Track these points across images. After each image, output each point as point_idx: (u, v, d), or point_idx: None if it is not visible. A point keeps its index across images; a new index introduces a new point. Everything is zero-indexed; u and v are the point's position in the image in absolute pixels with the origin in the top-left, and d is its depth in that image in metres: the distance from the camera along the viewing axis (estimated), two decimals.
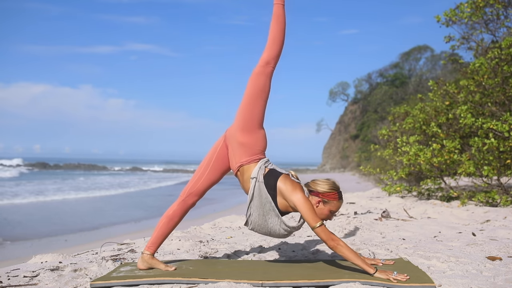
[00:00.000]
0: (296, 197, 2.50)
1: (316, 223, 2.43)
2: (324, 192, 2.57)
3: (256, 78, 2.71)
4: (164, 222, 2.71)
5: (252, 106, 2.67)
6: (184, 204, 2.73)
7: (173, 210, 2.72)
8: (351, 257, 2.41)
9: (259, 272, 2.53)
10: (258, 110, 2.68)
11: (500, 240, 3.71)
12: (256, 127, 2.68)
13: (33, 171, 40.85)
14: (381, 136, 9.38)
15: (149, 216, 10.31)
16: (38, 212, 11.89)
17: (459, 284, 2.33)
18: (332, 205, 2.58)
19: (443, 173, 7.25)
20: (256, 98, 2.68)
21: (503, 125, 5.85)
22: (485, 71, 6.66)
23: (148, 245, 2.68)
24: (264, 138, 2.72)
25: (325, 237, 2.43)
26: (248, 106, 2.67)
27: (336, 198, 2.58)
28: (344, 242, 2.45)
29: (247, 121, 2.66)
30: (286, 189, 2.54)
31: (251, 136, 2.66)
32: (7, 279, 2.52)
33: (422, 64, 46.81)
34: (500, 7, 7.96)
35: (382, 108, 41.59)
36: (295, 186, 2.55)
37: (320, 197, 2.57)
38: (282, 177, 2.59)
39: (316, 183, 2.61)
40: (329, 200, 2.57)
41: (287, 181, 2.57)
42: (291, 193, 2.52)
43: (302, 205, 2.48)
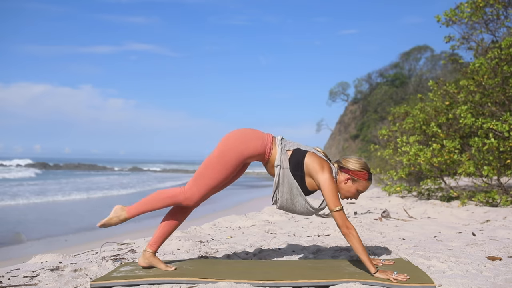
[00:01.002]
0: (323, 177, 2.50)
1: (336, 207, 2.44)
2: (355, 170, 2.58)
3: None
4: (167, 221, 2.70)
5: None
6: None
7: (174, 210, 2.71)
8: (359, 249, 2.41)
9: (259, 272, 2.53)
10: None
11: (500, 240, 3.71)
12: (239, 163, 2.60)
13: (47, 171, 41.08)
14: (381, 136, 9.38)
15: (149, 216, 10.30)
16: (57, 210, 11.96)
17: (459, 284, 2.33)
18: (361, 184, 2.59)
19: (443, 173, 7.26)
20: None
21: (503, 125, 5.85)
22: (485, 71, 6.66)
23: (150, 243, 2.67)
24: (255, 138, 2.61)
25: (340, 222, 2.43)
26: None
27: (365, 178, 2.59)
28: (357, 233, 2.44)
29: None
30: (314, 167, 2.53)
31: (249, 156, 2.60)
32: (7, 279, 2.52)
33: (422, 64, 46.84)
34: (500, 7, 7.96)
35: (382, 108, 41.60)
36: (322, 165, 2.54)
37: (350, 174, 2.58)
38: (309, 155, 2.57)
39: (348, 161, 2.61)
40: (358, 179, 2.58)
41: (315, 159, 2.55)
42: (318, 172, 2.51)
43: (326, 186, 2.48)
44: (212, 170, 2.55)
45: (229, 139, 2.59)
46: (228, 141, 2.59)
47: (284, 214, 5.65)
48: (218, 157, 2.56)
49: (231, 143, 2.57)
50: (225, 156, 2.55)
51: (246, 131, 2.63)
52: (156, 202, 2.61)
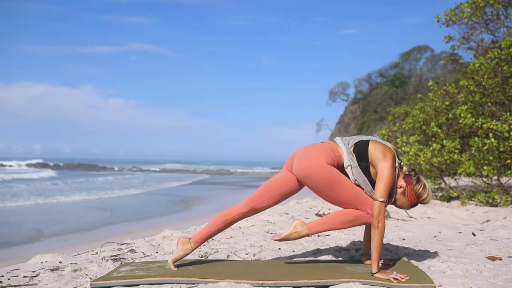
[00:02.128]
0: (385, 165, 2.47)
1: (381, 197, 2.42)
2: (414, 190, 2.57)
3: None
4: (219, 225, 2.68)
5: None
6: (244, 215, 2.70)
7: (232, 217, 2.69)
8: (375, 246, 2.41)
9: (259, 272, 2.53)
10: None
11: (500, 240, 3.71)
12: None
13: (62, 171, 41.31)
14: (381, 136, 9.38)
15: (149, 216, 10.31)
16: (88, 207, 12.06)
17: (459, 284, 2.33)
18: (403, 201, 2.60)
19: (443, 173, 7.26)
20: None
21: (503, 125, 5.85)
22: (485, 71, 6.66)
23: (196, 239, 2.67)
24: (323, 150, 2.57)
25: (376, 212, 2.42)
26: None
27: (412, 201, 2.59)
28: (384, 231, 2.43)
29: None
30: (376, 155, 2.51)
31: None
32: (7, 279, 2.52)
33: (422, 64, 46.88)
34: (500, 7, 7.97)
35: (382, 108, 41.61)
36: (386, 153, 2.51)
37: (408, 188, 2.57)
38: (372, 143, 2.55)
39: (420, 180, 2.60)
40: (406, 196, 2.58)
41: (378, 147, 2.53)
42: (381, 160, 2.49)
43: (384, 174, 2.46)
44: (341, 191, 2.52)
45: (306, 169, 2.53)
46: (307, 171, 2.52)
47: (284, 214, 5.65)
48: (327, 187, 2.51)
49: (313, 169, 2.51)
50: (327, 180, 2.51)
51: (310, 150, 2.59)
52: (342, 224, 2.55)
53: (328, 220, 2.57)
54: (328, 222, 2.56)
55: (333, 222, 2.55)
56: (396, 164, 2.55)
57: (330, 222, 2.56)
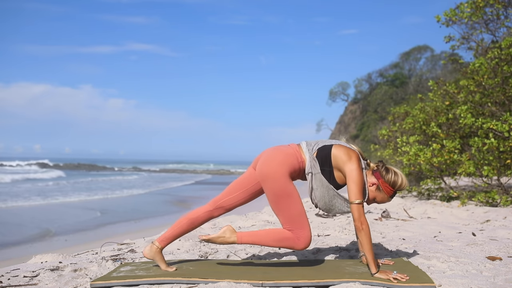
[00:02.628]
0: (351, 167, 2.47)
1: (356, 199, 2.43)
2: (387, 181, 2.56)
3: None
4: (184, 223, 2.66)
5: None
6: (210, 214, 2.69)
7: (198, 215, 2.68)
8: (366, 247, 2.41)
9: (259, 272, 2.53)
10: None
11: (500, 240, 3.71)
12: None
13: (68, 171, 41.54)
14: (381, 136, 9.38)
15: (149, 216, 10.31)
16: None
17: (459, 284, 2.33)
18: (381, 196, 2.59)
19: (443, 173, 7.26)
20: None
21: (503, 125, 5.85)
22: (485, 71, 6.66)
23: (161, 238, 2.65)
24: (288, 156, 2.57)
25: (357, 215, 2.42)
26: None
27: (389, 193, 2.58)
28: (369, 230, 2.43)
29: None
30: (341, 158, 2.50)
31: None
32: (7, 279, 2.53)
33: (422, 64, 46.86)
34: (500, 7, 7.96)
35: (382, 108, 41.59)
36: (350, 155, 2.51)
37: (379, 182, 2.56)
38: (335, 147, 2.55)
39: (389, 170, 2.58)
40: (382, 190, 2.57)
41: (341, 150, 2.53)
42: (346, 163, 2.48)
43: (353, 176, 2.45)
44: (287, 206, 2.52)
45: (265, 173, 2.53)
46: (266, 175, 2.53)
47: None
48: (277, 196, 2.52)
49: (271, 175, 2.51)
50: (280, 190, 2.51)
51: (274, 155, 2.57)
52: (271, 241, 2.56)
53: (258, 234, 2.59)
54: (258, 235, 2.59)
55: (263, 237, 2.57)
56: (362, 165, 2.55)
57: (260, 236, 2.58)
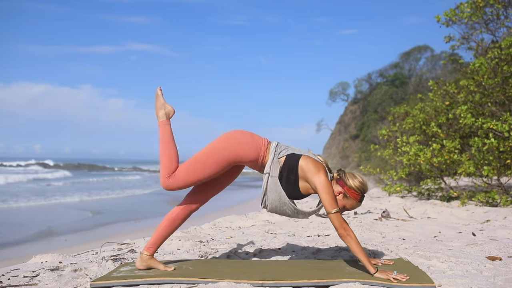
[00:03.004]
0: (319, 179, 2.48)
1: (333, 209, 2.43)
2: (351, 187, 2.57)
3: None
4: (165, 224, 2.67)
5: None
6: (188, 208, 2.71)
7: (176, 213, 2.68)
8: (357, 251, 2.41)
9: (259, 272, 2.53)
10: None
11: (500, 240, 3.71)
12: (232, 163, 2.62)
13: (79, 172, 41.80)
14: (381, 136, 9.38)
15: (149, 216, 10.31)
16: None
17: (459, 284, 2.33)
18: (350, 202, 2.59)
19: (443, 173, 7.25)
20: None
21: (503, 125, 5.85)
22: (485, 71, 6.66)
23: (148, 245, 2.67)
24: (249, 144, 2.61)
25: (337, 224, 2.43)
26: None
27: (357, 198, 2.59)
28: (354, 234, 2.44)
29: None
30: (309, 170, 2.51)
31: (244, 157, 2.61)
32: (7, 279, 2.52)
33: (422, 64, 46.83)
34: (500, 7, 7.97)
35: (382, 108, 41.58)
36: (318, 168, 2.52)
37: (344, 189, 2.57)
38: (303, 159, 2.56)
39: (350, 176, 2.60)
40: (349, 197, 2.57)
41: (309, 162, 2.54)
42: (313, 175, 2.50)
43: (323, 188, 2.47)
44: (201, 164, 2.57)
45: (225, 139, 2.60)
46: (224, 140, 2.59)
47: None
48: (209, 153, 2.58)
49: (226, 143, 2.58)
50: (216, 154, 2.56)
51: (243, 134, 2.62)
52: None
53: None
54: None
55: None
56: (328, 178, 2.56)
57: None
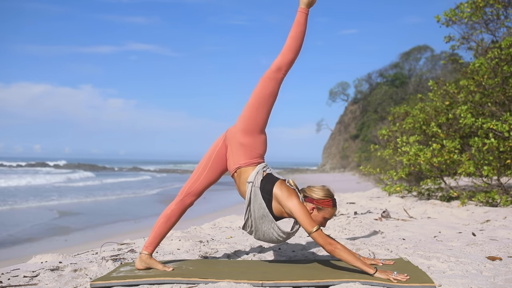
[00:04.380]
0: (292, 203, 2.52)
1: (313, 228, 2.45)
2: (319, 199, 2.59)
3: (266, 82, 2.71)
4: (162, 221, 2.71)
5: (258, 110, 2.68)
6: (182, 203, 2.74)
7: (171, 209, 2.73)
8: (350, 260, 2.42)
9: (259, 272, 2.53)
10: (262, 114, 2.68)
11: (500, 240, 3.71)
12: (258, 131, 2.69)
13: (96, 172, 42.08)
14: (381, 136, 9.38)
15: (149, 216, 10.31)
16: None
17: (459, 284, 2.33)
18: (326, 212, 2.60)
19: (443, 173, 7.25)
20: (263, 103, 2.69)
21: (503, 125, 5.85)
22: (485, 71, 6.66)
23: (146, 245, 2.69)
24: (264, 143, 2.74)
25: (322, 241, 2.44)
26: (254, 109, 2.68)
27: (330, 205, 2.59)
28: (342, 245, 2.45)
29: (251, 123, 2.67)
30: (282, 195, 2.55)
31: (252, 138, 2.68)
32: (7, 279, 2.52)
33: (422, 64, 46.83)
34: (500, 7, 7.96)
35: (382, 108, 41.57)
36: (290, 192, 2.57)
37: (314, 203, 2.59)
38: (279, 183, 2.61)
39: (312, 190, 2.63)
40: (323, 207, 2.58)
41: (283, 187, 2.59)
42: (287, 199, 2.53)
43: (298, 211, 2.49)
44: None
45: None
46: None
47: None
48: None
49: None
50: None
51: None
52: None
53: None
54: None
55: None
56: (300, 200, 2.57)
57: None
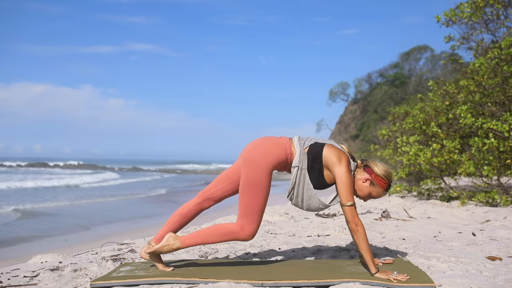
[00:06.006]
0: (339, 169, 2.49)
1: (348, 201, 2.44)
2: (378, 175, 2.58)
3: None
4: (177, 219, 2.70)
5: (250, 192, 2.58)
6: (200, 206, 2.72)
7: (188, 209, 2.71)
8: (363, 248, 2.42)
9: (259, 272, 2.53)
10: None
11: (500, 240, 3.71)
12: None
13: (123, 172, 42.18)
14: (381, 136, 9.38)
15: (149, 215, 10.31)
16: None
17: (459, 284, 2.33)
18: (376, 190, 2.60)
19: (443, 173, 7.25)
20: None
21: (503, 125, 5.85)
22: (485, 71, 6.66)
23: (157, 237, 2.67)
24: (277, 146, 2.59)
25: (350, 217, 2.43)
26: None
27: (384, 186, 2.59)
28: (364, 231, 2.44)
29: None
30: (331, 160, 2.52)
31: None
32: (7, 279, 2.52)
33: (422, 64, 46.87)
34: (500, 7, 7.96)
35: (382, 108, 41.59)
36: (340, 158, 2.53)
37: (372, 177, 2.58)
38: (326, 147, 2.56)
39: (376, 164, 2.62)
40: (376, 184, 2.58)
41: (332, 151, 2.54)
42: (335, 165, 2.51)
43: (342, 179, 2.47)
44: (253, 197, 2.53)
45: (250, 157, 2.55)
46: (250, 160, 2.55)
47: (284, 214, 5.66)
48: (250, 183, 2.54)
49: (255, 161, 2.53)
50: (256, 178, 2.53)
51: (263, 142, 2.60)
52: (214, 237, 2.59)
53: (201, 234, 2.61)
54: (201, 235, 2.60)
55: (206, 235, 2.60)
56: (352, 167, 2.57)
57: (203, 236, 2.60)
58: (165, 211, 11.37)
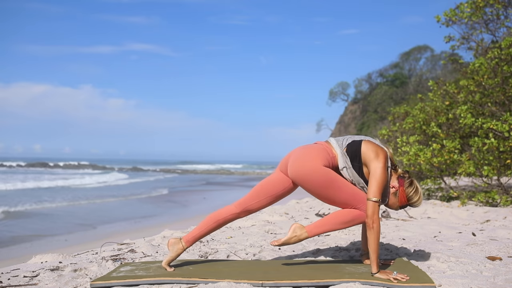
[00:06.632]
0: (376, 164, 2.49)
1: (374, 197, 2.43)
2: (406, 191, 2.59)
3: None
4: (211, 225, 2.68)
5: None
6: (237, 216, 2.71)
7: (224, 217, 2.69)
8: (373, 246, 2.41)
9: (259, 272, 2.53)
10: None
11: (500, 240, 3.71)
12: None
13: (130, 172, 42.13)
14: (381, 136, 9.37)
15: (148, 215, 10.31)
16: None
17: (459, 284, 2.33)
18: (393, 201, 2.61)
19: (443, 173, 7.25)
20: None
21: (503, 125, 5.85)
22: (485, 71, 6.67)
23: (189, 238, 2.66)
24: (319, 152, 2.60)
25: (370, 213, 2.42)
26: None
27: (402, 202, 2.61)
28: (379, 230, 2.43)
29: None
30: (369, 155, 2.53)
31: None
32: (7, 279, 2.53)
33: (422, 64, 46.92)
34: (500, 7, 7.97)
35: (382, 108, 41.61)
36: (377, 152, 2.53)
37: (400, 189, 2.59)
38: (364, 143, 2.57)
39: (413, 182, 2.61)
40: (397, 197, 2.60)
41: (370, 147, 2.55)
42: (372, 160, 2.51)
43: (376, 174, 2.47)
44: (338, 190, 2.54)
45: (301, 171, 2.55)
46: (304, 172, 2.55)
47: (284, 214, 5.65)
48: (325, 187, 2.54)
49: (309, 170, 2.54)
50: (323, 180, 2.53)
51: (304, 152, 2.61)
52: (340, 225, 2.58)
53: (327, 222, 2.58)
54: (327, 223, 2.58)
55: (332, 223, 2.57)
56: (388, 164, 2.57)
57: (329, 223, 2.58)
58: (165, 211, 11.39)
